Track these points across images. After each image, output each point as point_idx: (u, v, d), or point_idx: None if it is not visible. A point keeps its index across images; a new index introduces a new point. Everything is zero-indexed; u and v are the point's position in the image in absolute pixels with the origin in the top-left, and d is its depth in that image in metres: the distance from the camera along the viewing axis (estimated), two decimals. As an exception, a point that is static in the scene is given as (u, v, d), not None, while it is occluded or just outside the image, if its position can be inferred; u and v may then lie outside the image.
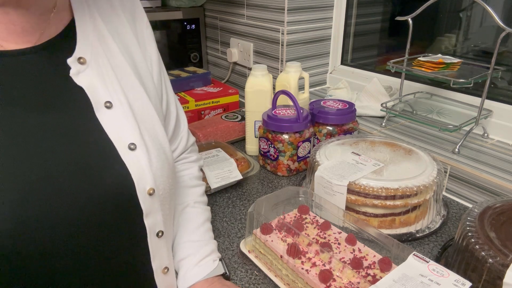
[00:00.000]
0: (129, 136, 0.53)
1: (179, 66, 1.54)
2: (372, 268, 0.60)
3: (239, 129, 1.17)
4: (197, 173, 0.73)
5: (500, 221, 0.61)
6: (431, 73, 0.93)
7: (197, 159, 0.75)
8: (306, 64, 1.34)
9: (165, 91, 0.66)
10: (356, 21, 1.36)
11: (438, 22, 1.18)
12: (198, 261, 0.62)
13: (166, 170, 0.56)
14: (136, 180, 0.52)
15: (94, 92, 0.52)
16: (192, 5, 1.54)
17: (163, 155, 0.57)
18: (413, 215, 0.76)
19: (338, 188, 0.75)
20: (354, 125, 1.02)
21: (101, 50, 0.55)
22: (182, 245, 0.64)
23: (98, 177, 0.50)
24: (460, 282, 0.53)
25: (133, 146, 0.53)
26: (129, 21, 0.60)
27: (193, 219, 0.67)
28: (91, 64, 0.53)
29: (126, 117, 0.54)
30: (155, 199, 0.54)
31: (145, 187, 0.52)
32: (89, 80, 0.52)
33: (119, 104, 0.54)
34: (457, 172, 0.88)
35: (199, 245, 0.64)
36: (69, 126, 0.50)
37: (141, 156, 0.53)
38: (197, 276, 0.61)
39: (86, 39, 0.54)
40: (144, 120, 0.56)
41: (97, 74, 0.53)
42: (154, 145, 0.56)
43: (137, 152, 0.53)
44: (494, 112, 0.98)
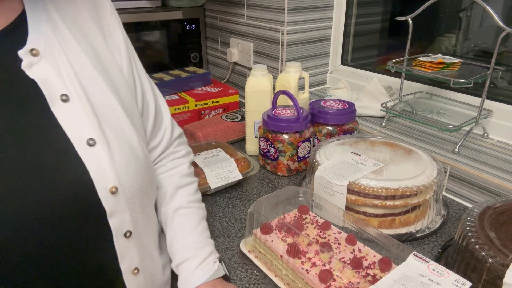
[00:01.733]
0: (88, 131, 0.50)
1: (179, 66, 1.54)
2: (372, 268, 0.60)
3: (239, 129, 1.17)
4: (187, 170, 0.70)
5: (500, 221, 0.61)
6: (431, 73, 0.93)
7: (186, 153, 0.72)
8: (306, 64, 1.34)
9: (138, 81, 0.62)
10: (356, 21, 1.36)
11: (438, 22, 1.18)
12: (198, 264, 0.61)
13: (133, 166, 0.54)
14: (95, 178, 0.49)
15: (49, 85, 0.49)
16: (192, 5, 1.54)
17: (130, 150, 0.54)
18: (413, 215, 0.76)
19: (338, 188, 0.75)
20: (354, 125, 1.02)
21: (56, 41, 0.51)
22: (180, 248, 0.63)
23: (54, 176, 0.47)
24: (460, 282, 0.53)
25: (92, 142, 0.50)
26: (90, 10, 0.57)
27: (189, 220, 0.65)
28: (45, 55, 0.50)
29: (84, 111, 0.51)
30: (120, 198, 0.51)
31: (107, 185, 0.50)
32: (43, 73, 0.49)
33: (77, 97, 0.51)
34: (457, 172, 0.88)
35: (197, 246, 0.63)
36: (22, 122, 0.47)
37: (101, 152, 0.50)
38: (198, 279, 0.60)
39: (38, 29, 0.51)
40: (105, 114, 0.53)
41: (51, 66, 0.50)
42: (118, 140, 0.53)
43: (97, 148, 0.50)
44: (494, 112, 0.98)
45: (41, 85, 0.49)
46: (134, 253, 0.57)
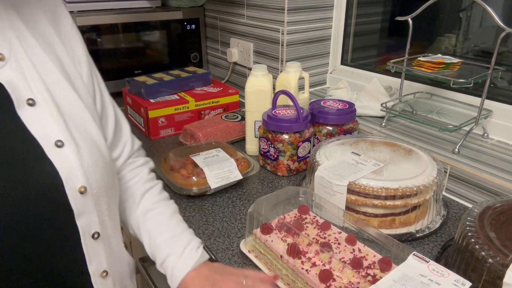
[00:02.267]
0: (55, 133, 0.51)
1: (179, 66, 1.54)
2: (372, 268, 0.60)
3: (239, 129, 1.17)
4: (147, 176, 0.72)
5: (500, 221, 0.61)
6: (431, 73, 0.93)
7: (145, 162, 0.74)
8: (306, 64, 1.34)
9: (98, 91, 0.64)
10: (356, 21, 1.36)
11: (438, 22, 1.18)
12: (179, 255, 0.62)
13: (100, 167, 0.55)
14: (64, 178, 0.50)
15: (15, 89, 0.50)
16: (192, 5, 1.54)
17: (97, 152, 0.55)
18: (413, 215, 0.76)
19: (338, 188, 0.75)
20: (354, 125, 1.02)
21: (20, 47, 0.53)
22: (159, 247, 0.63)
23: (23, 176, 0.48)
24: (460, 282, 0.53)
25: (60, 143, 0.51)
26: (51, 21, 0.59)
27: (159, 219, 0.66)
28: (10, 60, 0.51)
29: (51, 114, 0.52)
30: (88, 198, 0.52)
31: (76, 185, 0.51)
32: (9, 77, 0.50)
33: (43, 101, 0.52)
34: (457, 172, 0.88)
35: (174, 240, 0.63)
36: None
37: (70, 153, 0.51)
38: (184, 270, 0.61)
39: (3, 35, 0.52)
40: (72, 116, 0.54)
41: (17, 70, 0.51)
42: (86, 142, 0.54)
43: (65, 149, 0.51)
44: (494, 112, 0.98)
45: (8, 89, 0.50)
46: (102, 256, 0.57)
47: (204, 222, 0.82)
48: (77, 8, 1.42)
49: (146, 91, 1.22)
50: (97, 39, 1.43)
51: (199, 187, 0.86)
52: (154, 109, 1.18)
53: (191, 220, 0.82)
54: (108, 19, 1.43)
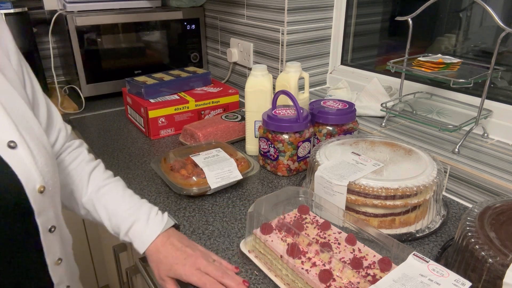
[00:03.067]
0: (7, 134, 0.50)
1: (179, 66, 1.54)
2: (372, 268, 0.60)
3: (239, 129, 1.17)
4: (88, 156, 0.74)
5: (500, 221, 0.61)
6: (431, 73, 0.93)
7: (80, 143, 0.76)
8: (306, 64, 1.34)
9: (28, 79, 0.63)
10: (356, 21, 1.36)
11: (438, 22, 1.18)
12: (146, 221, 0.65)
13: (51, 165, 0.55)
14: (23, 179, 0.50)
15: None
16: (192, 5, 1.54)
17: (44, 150, 0.55)
18: (413, 215, 0.76)
19: (338, 188, 0.75)
20: (354, 125, 1.02)
21: None
22: (121, 218, 0.66)
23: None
24: (460, 282, 0.53)
25: (13, 144, 0.50)
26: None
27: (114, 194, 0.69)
28: None
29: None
30: (46, 196, 0.53)
31: (35, 185, 0.51)
32: None
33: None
34: (457, 172, 0.88)
35: (135, 209, 0.67)
36: None
37: (24, 154, 0.51)
38: (153, 233, 0.65)
39: None
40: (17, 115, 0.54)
41: None
42: (34, 141, 0.54)
43: (19, 150, 0.50)
44: (494, 112, 0.98)
45: None
46: (57, 246, 0.59)
47: (204, 222, 0.82)
48: (77, 8, 1.42)
49: (146, 91, 1.22)
50: (97, 39, 1.43)
51: (199, 187, 0.86)
52: (154, 109, 1.18)
53: (191, 220, 0.82)
54: (108, 19, 1.43)
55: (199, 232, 0.78)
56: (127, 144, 1.17)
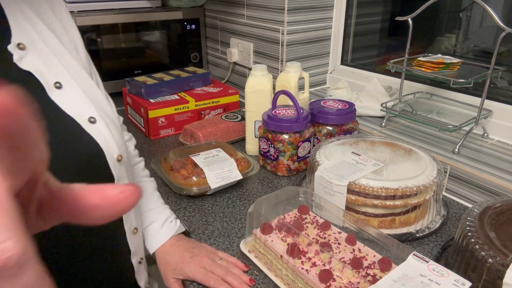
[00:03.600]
0: (87, 111, 0.56)
1: (179, 66, 1.54)
2: (372, 268, 0.60)
3: (239, 129, 1.17)
4: (133, 151, 0.78)
5: (500, 221, 0.61)
6: (431, 73, 0.93)
7: (129, 138, 0.80)
8: (306, 64, 1.34)
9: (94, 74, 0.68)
10: (356, 21, 1.36)
11: (438, 22, 1.18)
12: (162, 224, 0.72)
13: (122, 139, 0.61)
14: (104, 148, 0.56)
15: (42, 75, 0.54)
16: (192, 5, 1.54)
17: (117, 127, 0.61)
18: (413, 215, 0.76)
19: (338, 188, 0.75)
20: (354, 125, 1.02)
21: (35, 34, 0.56)
22: (142, 215, 0.72)
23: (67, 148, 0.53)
24: (460, 282, 0.53)
25: (93, 119, 0.56)
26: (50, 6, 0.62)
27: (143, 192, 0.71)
28: (30, 48, 0.54)
29: (78, 94, 0.56)
30: (123, 165, 0.59)
31: (113, 154, 0.57)
32: (34, 64, 0.54)
33: (67, 83, 0.56)
34: (457, 172, 0.88)
35: (156, 211, 0.73)
36: None
37: (102, 128, 0.56)
38: (165, 236, 0.71)
39: (18, 25, 0.54)
40: (92, 95, 0.59)
41: (38, 57, 0.54)
42: (107, 118, 0.59)
43: (98, 124, 0.56)
44: (494, 112, 0.98)
45: (37, 75, 0.53)
46: (133, 215, 0.65)
47: (204, 222, 0.82)
48: (77, 8, 1.42)
49: (146, 91, 1.22)
50: (97, 39, 1.43)
51: (199, 187, 0.86)
52: (154, 109, 1.18)
53: (191, 220, 0.82)
54: (108, 19, 1.43)
55: (199, 232, 0.78)
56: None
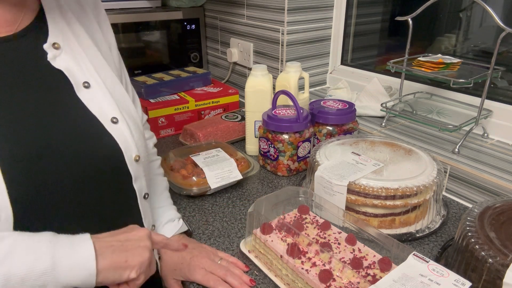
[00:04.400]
0: (110, 112, 0.59)
1: (179, 66, 1.54)
2: (372, 268, 0.60)
3: (239, 129, 1.17)
4: (151, 149, 0.80)
5: (500, 221, 0.61)
6: (431, 73, 0.93)
7: (150, 136, 0.82)
8: (306, 64, 1.34)
9: (124, 74, 0.72)
10: (356, 21, 1.36)
11: (438, 22, 1.18)
12: (165, 223, 0.72)
13: (143, 140, 0.64)
14: (123, 148, 0.58)
15: (72, 74, 0.57)
16: (192, 5, 1.54)
17: (138, 128, 0.63)
18: (413, 215, 0.76)
19: (338, 188, 0.75)
20: (354, 125, 1.02)
21: (71, 34, 0.59)
22: None
23: (92, 146, 0.55)
24: (460, 282, 0.53)
25: (115, 120, 0.58)
26: (91, 7, 0.65)
27: (154, 189, 0.75)
28: (65, 48, 0.57)
29: (104, 95, 0.59)
30: (140, 165, 0.61)
31: (131, 154, 0.59)
32: (66, 63, 0.56)
33: (96, 83, 0.59)
34: (457, 172, 0.88)
35: (163, 210, 0.74)
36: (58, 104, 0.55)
37: (124, 128, 0.59)
38: (168, 234, 0.71)
39: (56, 25, 0.57)
40: (118, 97, 0.61)
41: (71, 57, 0.57)
42: (130, 119, 0.62)
43: (120, 125, 0.59)
44: (494, 112, 0.98)
45: (67, 74, 0.56)
46: (150, 212, 0.68)
47: (204, 222, 0.82)
48: (77, 8, 1.41)
49: (146, 91, 1.22)
50: (97, 39, 1.43)
51: (199, 187, 0.86)
52: (154, 109, 1.18)
53: (191, 220, 0.82)
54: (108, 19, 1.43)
55: (199, 232, 0.78)
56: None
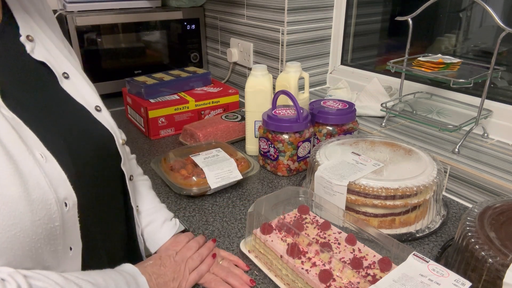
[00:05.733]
0: (92, 100, 0.60)
1: (179, 66, 1.54)
2: (372, 268, 0.60)
3: (239, 129, 1.17)
4: None
5: (500, 221, 0.61)
6: (431, 73, 0.93)
7: None
8: (306, 64, 1.34)
9: None
10: (356, 21, 1.36)
11: (438, 22, 1.18)
12: (161, 224, 0.72)
13: None
14: (113, 133, 0.60)
15: (52, 65, 0.57)
16: (192, 5, 1.54)
17: None
18: (413, 215, 0.76)
19: (338, 188, 0.75)
20: (354, 125, 1.02)
21: (37, 27, 0.58)
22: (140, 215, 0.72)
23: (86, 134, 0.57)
24: (460, 282, 0.53)
25: (99, 108, 0.60)
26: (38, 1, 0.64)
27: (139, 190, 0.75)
28: (37, 40, 0.57)
29: (82, 84, 0.60)
30: (125, 149, 0.64)
31: (119, 138, 0.62)
32: (43, 55, 0.56)
33: (72, 74, 0.59)
34: (457, 172, 0.88)
35: (153, 211, 0.73)
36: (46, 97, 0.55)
37: (106, 115, 0.61)
38: (165, 236, 0.71)
39: (23, 18, 0.57)
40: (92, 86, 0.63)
41: (45, 49, 0.57)
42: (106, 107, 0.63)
43: (103, 112, 0.61)
44: (494, 112, 0.98)
45: (49, 65, 0.56)
46: (134, 193, 0.69)
47: (204, 222, 0.82)
48: (77, 8, 1.42)
49: (146, 91, 1.22)
50: (97, 39, 1.43)
51: (199, 187, 0.86)
52: (154, 109, 1.18)
53: (191, 220, 0.82)
54: (108, 19, 1.43)
55: (199, 232, 0.78)
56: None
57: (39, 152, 0.46)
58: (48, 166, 0.47)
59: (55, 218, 0.45)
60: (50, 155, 0.48)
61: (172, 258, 0.65)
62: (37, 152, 0.46)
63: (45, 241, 0.45)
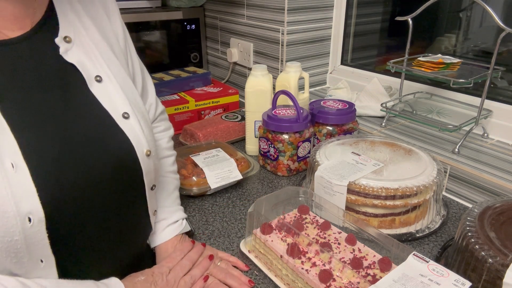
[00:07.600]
0: (122, 106, 0.58)
1: (179, 66, 1.54)
2: (372, 268, 0.60)
3: (239, 129, 1.17)
4: (166, 144, 0.78)
5: (500, 221, 0.61)
6: (431, 73, 0.93)
7: (165, 128, 0.79)
8: (306, 64, 1.34)
9: (130, 58, 0.69)
10: (356, 21, 1.36)
11: (438, 22, 1.18)
12: (170, 224, 0.72)
13: (152, 135, 0.64)
14: (134, 144, 0.58)
15: (84, 68, 0.56)
16: (192, 5, 1.54)
17: (147, 122, 0.63)
18: (413, 215, 0.76)
19: (338, 188, 0.75)
20: (354, 125, 1.02)
21: (81, 28, 0.58)
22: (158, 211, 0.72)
23: (104, 145, 0.55)
24: (460, 282, 0.53)
25: (126, 115, 0.58)
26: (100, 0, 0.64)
27: (165, 187, 0.75)
28: (76, 41, 0.57)
29: (115, 89, 0.59)
30: (151, 160, 0.61)
31: (143, 149, 0.59)
32: (78, 57, 0.56)
33: (107, 77, 0.58)
34: (457, 172, 0.88)
35: (170, 211, 0.73)
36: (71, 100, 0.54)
37: (134, 123, 0.59)
38: (167, 235, 0.71)
39: (66, 18, 0.57)
40: (127, 91, 0.61)
41: (82, 51, 0.57)
42: (140, 114, 0.61)
43: (131, 120, 0.59)
44: (494, 112, 0.98)
45: (80, 68, 0.56)
46: (154, 200, 0.69)
47: (204, 222, 0.82)
48: (77, 8, 1.41)
49: (146, 91, 1.22)
50: (97, 39, 1.43)
51: (199, 187, 0.86)
52: (154, 109, 1.18)
53: (191, 220, 0.82)
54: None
55: (199, 232, 0.78)
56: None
57: (10, 161, 0.45)
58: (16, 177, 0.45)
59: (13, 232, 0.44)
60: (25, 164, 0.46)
61: (164, 276, 0.64)
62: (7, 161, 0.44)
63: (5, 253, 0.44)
